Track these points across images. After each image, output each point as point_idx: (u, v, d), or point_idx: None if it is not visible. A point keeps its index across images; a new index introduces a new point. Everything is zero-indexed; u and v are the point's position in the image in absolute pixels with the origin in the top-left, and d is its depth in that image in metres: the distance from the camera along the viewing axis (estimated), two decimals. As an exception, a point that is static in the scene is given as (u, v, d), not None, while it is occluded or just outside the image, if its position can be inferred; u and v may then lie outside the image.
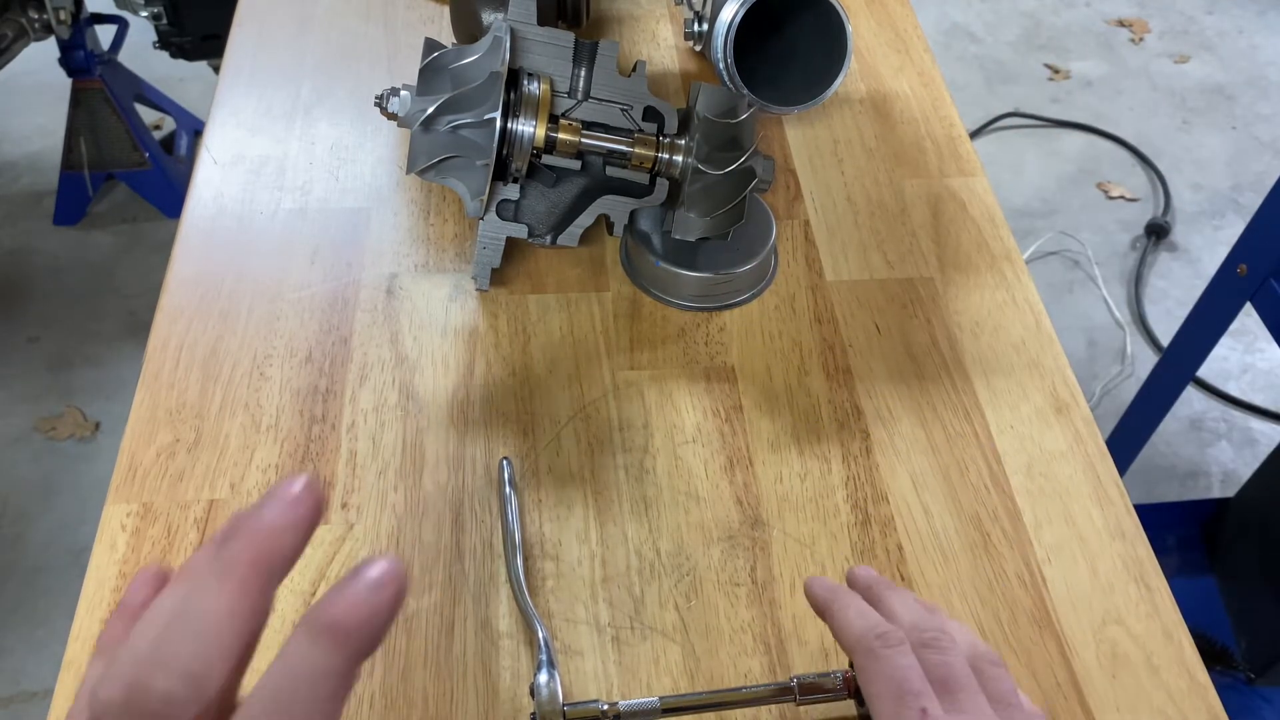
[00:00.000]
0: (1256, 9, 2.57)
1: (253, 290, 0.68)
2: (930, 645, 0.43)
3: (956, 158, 0.79)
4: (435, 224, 0.72)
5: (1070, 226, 2.03)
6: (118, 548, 0.55)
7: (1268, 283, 1.05)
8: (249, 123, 0.79)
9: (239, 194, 0.73)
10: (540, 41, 0.62)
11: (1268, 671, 1.29)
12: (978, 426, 0.63)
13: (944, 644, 0.43)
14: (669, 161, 0.64)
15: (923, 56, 0.87)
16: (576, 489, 0.59)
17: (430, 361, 0.64)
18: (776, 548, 0.57)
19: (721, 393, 0.64)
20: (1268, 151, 2.22)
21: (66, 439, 1.66)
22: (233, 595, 0.26)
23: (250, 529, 0.26)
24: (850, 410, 0.63)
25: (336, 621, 0.25)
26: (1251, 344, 1.85)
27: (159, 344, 0.64)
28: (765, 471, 0.60)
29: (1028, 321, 0.68)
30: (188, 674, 0.25)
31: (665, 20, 0.89)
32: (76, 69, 1.78)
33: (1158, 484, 1.67)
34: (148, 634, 0.26)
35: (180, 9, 1.74)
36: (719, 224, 0.65)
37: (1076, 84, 2.36)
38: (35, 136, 2.11)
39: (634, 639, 0.53)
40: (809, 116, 0.81)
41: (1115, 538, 0.58)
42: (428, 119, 0.61)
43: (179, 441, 0.60)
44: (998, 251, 0.72)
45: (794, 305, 0.69)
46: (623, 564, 0.56)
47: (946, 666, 0.41)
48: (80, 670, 0.51)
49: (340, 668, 0.25)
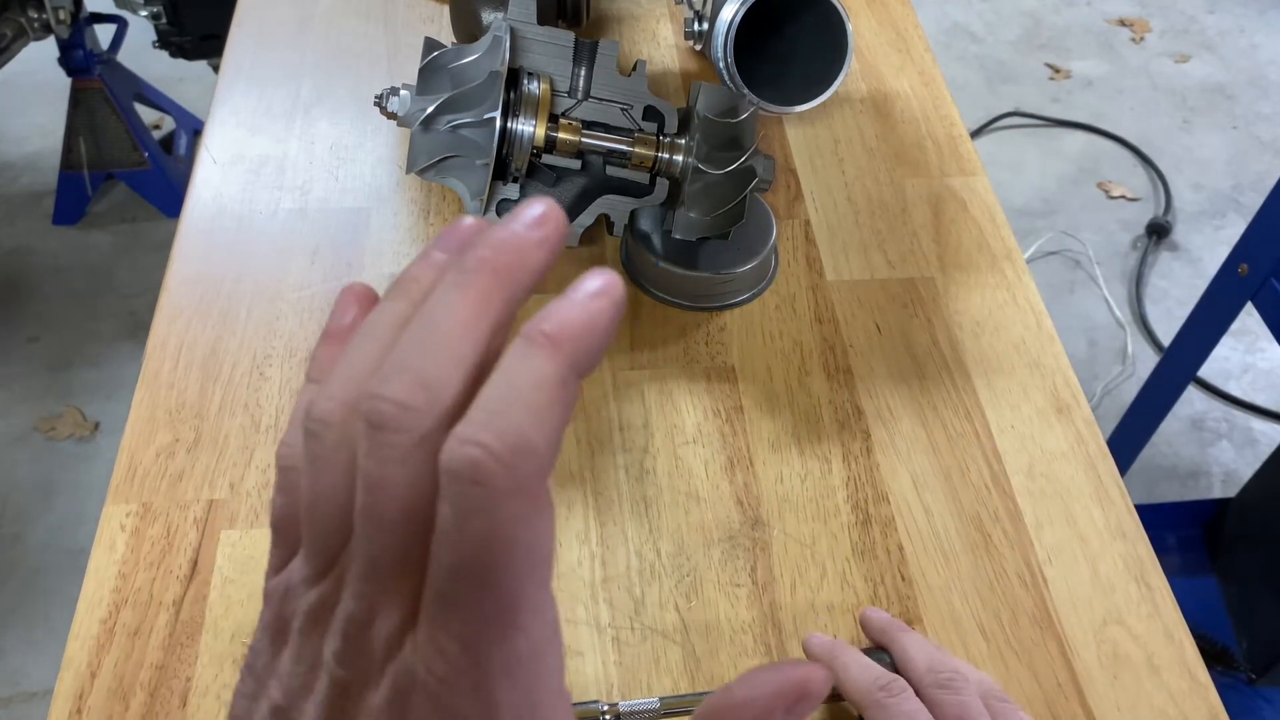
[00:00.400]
0: (1257, 8, 2.56)
1: (252, 290, 0.67)
2: (946, 686, 0.45)
3: (957, 157, 0.78)
4: (435, 224, 0.72)
5: (1071, 226, 2.03)
6: (117, 548, 0.55)
7: (1269, 282, 1.05)
8: (249, 122, 0.78)
9: (239, 194, 0.73)
10: (540, 41, 0.62)
11: (1269, 672, 1.29)
12: (978, 426, 0.62)
13: (958, 684, 0.45)
14: (669, 161, 0.64)
15: (923, 56, 0.86)
16: (576, 489, 0.59)
17: (430, 361, 0.64)
18: (777, 548, 0.57)
19: (722, 393, 0.64)
20: (1268, 151, 2.22)
21: (66, 439, 1.66)
22: (474, 305, 0.23)
23: (495, 239, 0.24)
24: (851, 410, 0.63)
25: (554, 330, 0.22)
26: (1253, 344, 1.85)
27: (159, 344, 0.64)
28: (766, 472, 0.60)
29: (1028, 321, 0.68)
30: (423, 380, 0.22)
31: (665, 19, 0.89)
32: (76, 68, 1.78)
33: (1159, 484, 1.67)
34: (368, 348, 0.24)
35: (180, 9, 1.73)
36: (719, 224, 0.65)
37: (1077, 83, 2.36)
38: (35, 136, 2.11)
39: (634, 639, 0.53)
40: (809, 116, 0.81)
41: (1116, 538, 0.58)
42: (427, 118, 0.61)
43: (179, 441, 0.60)
44: (998, 251, 0.72)
45: (794, 305, 0.69)
46: (623, 564, 0.56)
47: (962, 706, 0.44)
48: (80, 670, 0.51)
49: (559, 375, 0.22)
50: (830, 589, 0.55)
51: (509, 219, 0.24)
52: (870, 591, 0.55)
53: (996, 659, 0.53)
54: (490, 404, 0.21)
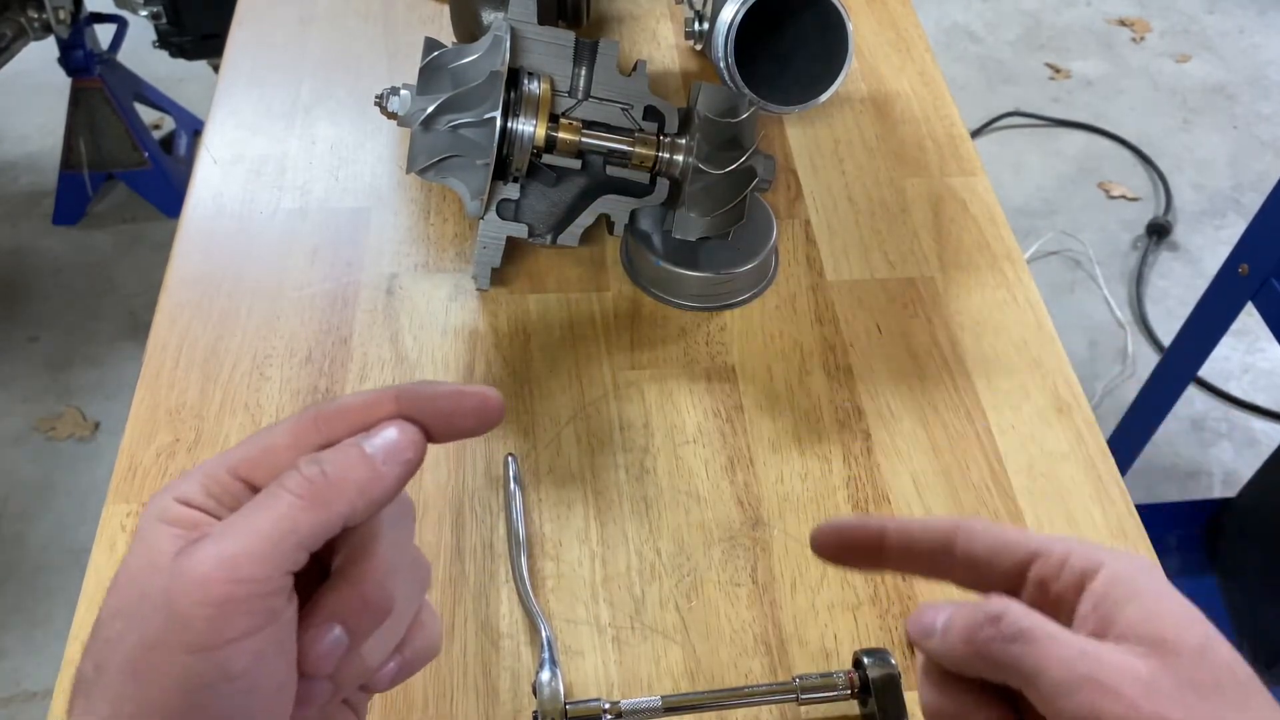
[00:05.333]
0: (1257, 8, 2.56)
1: (253, 290, 0.67)
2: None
3: (957, 157, 0.78)
4: (435, 224, 0.72)
5: (1071, 226, 2.03)
6: (117, 548, 0.55)
7: (1269, 282, 1.05)
8: (249, 122, 0.78)
9: (239, 194, 0.73)
10: (540, 41, 0.62)
11: (1270, 671, 1.29)
12: (979, 426, 0.62)
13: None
14: (669, 161, 0.64)
15: (923, 56, 0.86)
16: (577, 489, 0.59)
17: (430, 361, 0.64)
18: (777, 548, 0.57)
19: (722, 393, 0.63)
20: (1269, 151, 2.22)
21: (66, 439, 1.66)
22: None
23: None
24: (851, 410, 0.63)
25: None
26: (1253, 344, 1.85)
27: (159, 344, 0.64)
28: (766, 471, 0.60)
29: (1029, 321, 0.68)
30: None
31: (666, 19, 0.89)
32: (76, 68, 1.78)
33: (1159, 484, 1.67)
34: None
35: (180, 8, 1.73)
36: (719, 223, 0.65)
37: (1077, 83, 2.36)
38: (35, 136, 2.11)
39: (634, 639, 0.53)
40: (809, 116, 0.81)
41: (1117, 538, 0.58)
42: (428, 118, 0.61)
43: (179, 441, 0.60)
44: (999, 251, 0.72)
45: (795, 305, 0.68)
46: (623, 564, 0.56)
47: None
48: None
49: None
50: (830, 589, 0.55)
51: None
52: (870, 591, 0.55)
53: (997, 659, 0.53)
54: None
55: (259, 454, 0.31)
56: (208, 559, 0.28)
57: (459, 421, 0.32)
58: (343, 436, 0.31)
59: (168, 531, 0.29)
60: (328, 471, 0.30)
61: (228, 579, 0.28)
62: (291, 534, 0.29)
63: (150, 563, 0.29)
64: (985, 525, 0.33)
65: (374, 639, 0.32)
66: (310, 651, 0.30)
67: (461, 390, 0.32)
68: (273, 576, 0.28)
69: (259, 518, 0.29)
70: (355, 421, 0.32)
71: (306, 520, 0.29)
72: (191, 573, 0.28)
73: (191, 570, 0.28)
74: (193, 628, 0.28)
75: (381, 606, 0.31)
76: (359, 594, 0.31)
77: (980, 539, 0.33)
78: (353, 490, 0.30)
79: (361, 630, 0.31)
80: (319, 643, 0.30)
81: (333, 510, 0.30)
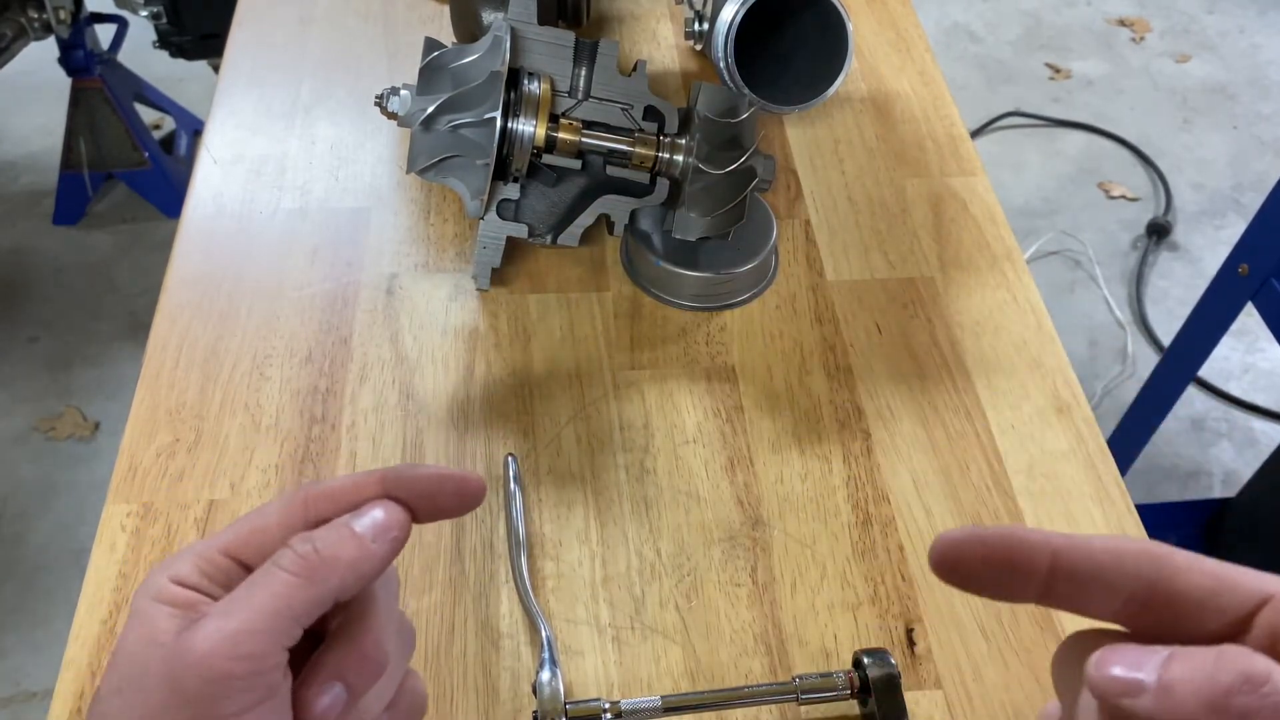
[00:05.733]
0: (1257, 8, 2.56)
1: (253, 290, 0.67)
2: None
3: (957, 157, 0.78)
4: (435, 224, 0.72)
5: (1071, 226, 2.03)
6: (117, 548, 0.55)
7: (1269, 282, 1.05)
8: (249, 122, 0.78)
9: (239, 194, 0.73)
10: (540, 41, 0.62)
11: (1269, 672, 1.29)
12: (979, 426, 0.62)
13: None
14: (669, 161, 0.64)
15: (923, 56, 0.86)
16: (577, 489, 0.59)
17: (430, 361, 0.64)
18: (777, 548, 0.57)
19: (722, 393, 0.64)
20: (1269, 151, 2.22)
21: (66, 439, 1.66)
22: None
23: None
24: (851, 410, 0.63)
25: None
26: (1253, 344, 1.85)
27: (159, 344, 0.64)
28: (766, 471, 0.60)
29: (1029, 321, 0.68)
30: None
31: (666, 19, 0.89)
32: (76, 68, 1.78)
33: (1159, 484, 1.67)
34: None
35: (180, 8, 1.73)
36: (719, 223, 0.65)
37: (1077, 83, 2.36)
38: (35, 136, 2.11)
39: (634, 639, 0.53)
40: (809, 116, 0.81)
41: (1117, 538, 0.58)
42: (428, 118, 0.61)
43: (179, 441, 0.60)
44: (999, 251, 0.72)
45: (795, 305, 0.69)
46: (623, 564, 0.56)
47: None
48: (80, 670, 0.51)
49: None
50: (830, 589, 0.55)
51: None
52: (870, 591, 0.55)
53: (996, 659, 0.53)
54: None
55: (249, 534, 0.33)
56: (210, 637, 0.29)
57: (441, 502, 0.34)
58: (330, 517, 0.33)
59: (165, 611, 0.30)
60: (320, 549, 0.31)
61: (230, 655, 0.29)
62: (288, 610, 0.30)
63: (150, 641, 0.30)
64: (1189, 558, 0.27)
65: (368, 696, 0.33)
66: (313, 707, 0.31)
67: (443, 474, 0.34)
68: (271, 653, 0.30)
69: (257, 595, 0.30)
70: (343, 502, 0.33)
71: (301, 596, 0.30)
72: (194, 650, 0.29)
73: (195, 648, 0.29)
74: (196, 704, 0.29)
75: (379, 661, 0.32)
76: (358, 651, 0.32)
77: (1189, 576, 0.26)
78: (344, 566, 0.31)
79: (360, 686, 0.32)
80: (321, 699, 0.31)
81: (326, 586, 0.31)
